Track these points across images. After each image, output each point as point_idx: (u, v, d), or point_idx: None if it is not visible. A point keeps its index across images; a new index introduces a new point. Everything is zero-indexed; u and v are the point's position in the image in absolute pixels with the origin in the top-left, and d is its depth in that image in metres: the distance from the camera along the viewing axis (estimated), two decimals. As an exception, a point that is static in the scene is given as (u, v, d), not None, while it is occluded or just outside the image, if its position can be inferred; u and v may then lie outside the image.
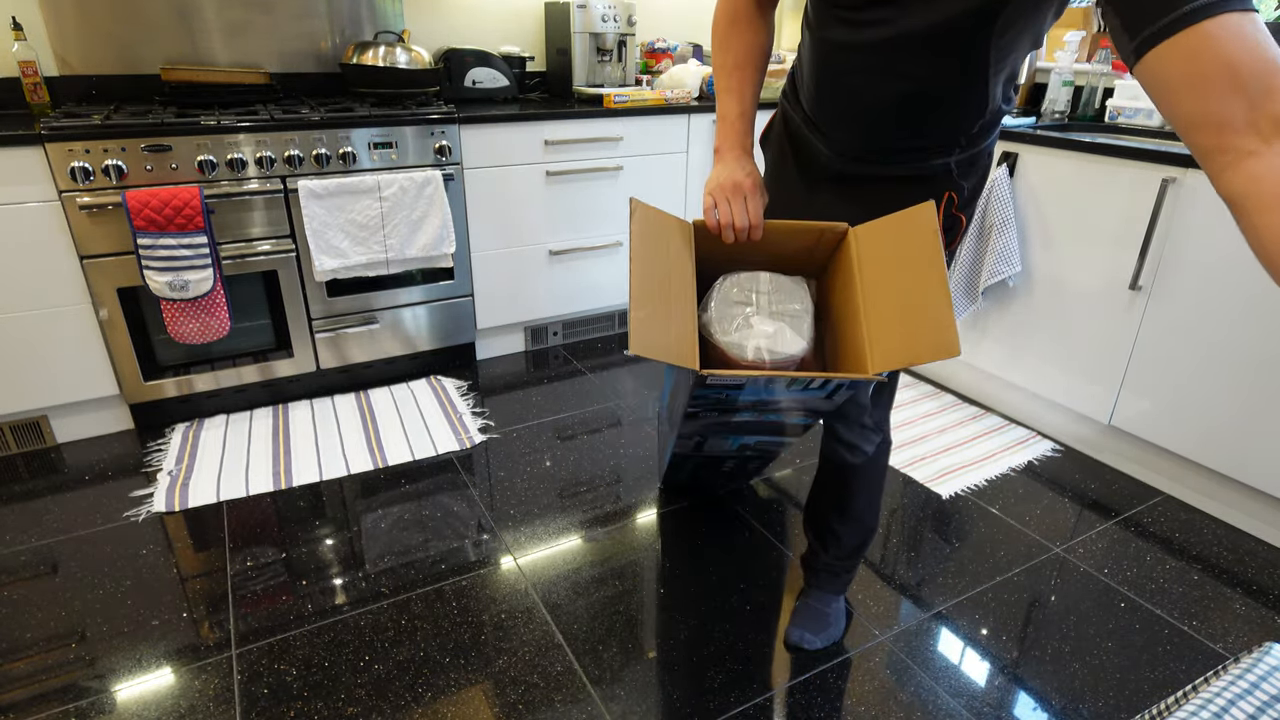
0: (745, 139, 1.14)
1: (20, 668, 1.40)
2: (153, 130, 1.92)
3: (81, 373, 2.05)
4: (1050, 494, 1.98)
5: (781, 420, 1.27)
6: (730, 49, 1.13)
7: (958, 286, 2.27)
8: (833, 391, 1.12)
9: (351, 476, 1.99)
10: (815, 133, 1.16)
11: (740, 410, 1.22)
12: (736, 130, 1.14)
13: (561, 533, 1.79)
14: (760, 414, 1.24)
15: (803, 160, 1.22)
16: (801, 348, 1.13)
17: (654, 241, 1.09)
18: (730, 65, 1.13)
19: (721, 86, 1.15)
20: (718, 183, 1.11)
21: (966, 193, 1.15)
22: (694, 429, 1.34)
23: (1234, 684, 0.75)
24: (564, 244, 2.64)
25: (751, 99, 1.14)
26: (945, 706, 1.36)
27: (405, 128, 2.22)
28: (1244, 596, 1.63)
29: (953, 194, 1.14)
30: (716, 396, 1.15)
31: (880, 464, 1.38)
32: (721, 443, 1.44)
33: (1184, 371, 1.86)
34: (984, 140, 1.11)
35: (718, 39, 1.15)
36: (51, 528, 1.78)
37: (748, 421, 1.28)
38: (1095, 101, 2.47)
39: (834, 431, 1.34)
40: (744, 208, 1.10)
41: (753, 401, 1.17)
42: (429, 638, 1.49)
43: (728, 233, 1.10)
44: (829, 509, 1.44)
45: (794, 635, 1.47)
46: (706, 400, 1.17)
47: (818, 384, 1.08)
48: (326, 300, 2.28)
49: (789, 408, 1.20)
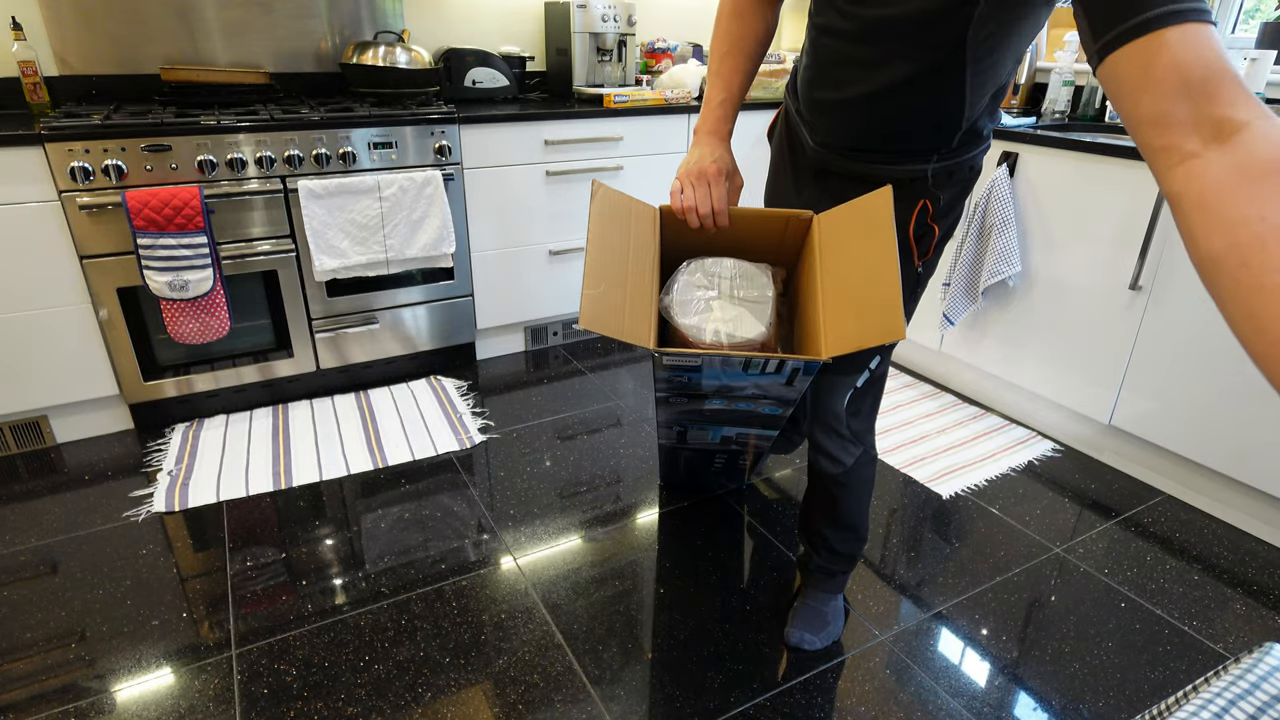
0: (723, 125, 1.15)
1: (20, 668, 1.40)
2: (152, 130, 1.92)
3: (81, 373, 2.05)
4: (1050, 494, 1.98)
5: (752, 409, 1.27)
6: (726, 37, 1.14)
7: (958, 286, 2.27)
8: (790, 376, 1.12)
9: (351, 476, 1.99)
10: (803, 124, 1.18)
11: (708, 397, 1.22)
12: (715, 116, 1.14)
13: (561, 533, 1.79)
14: (729, 402, 1.25)
15: (795, 155, 1.24)
16: (760, 332, 1.14)
17: (615, 223, 1.10)
18: (723, 52, 1.14)
19: (711, 71, 1.16)
20: (687, 168, 1.11)
21: (943, 204, 1.15)
22: (670, 417, 1.35)
23: (1234, 684, 0.75)
24: (564, 244, 2.64)
25: (738, 87, 1.15)
26: (945, 706, 1.36)
27: (405, 128, 2.21)
28: (1244, 596, 1.63)
29: (928, 202, 1.14)
30: (680, 380, 1.15)
31: (864, 476, 1.37)
32: (702, 434, 1.45)
33: (1184, 371, 1.86)
34: (964, 153, 1.11)
35: (718, 28, 1.16)
36: (51, 528, 1.78)
37: (720, 410, 1.29)
38: (1095, 101, 2.47)
39: (814, 439, 1.34)
40: (708, 193, 1.10)
41: (716, 387, 1.18)
42: (429, 638, 1.49)
43: (691, 217, 1.10)
44: (819, 516, 1.45)
45: (794, 636, 1.47)
46: (671, 385, 1.18)
47: (773, 367, 1.09)
48: (326, 300, 2.28)
49: (754, 395, 1.21)
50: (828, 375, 1.27)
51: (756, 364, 1.09)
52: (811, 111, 1.14)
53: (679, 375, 1.14)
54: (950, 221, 1.18)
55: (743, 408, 1.27)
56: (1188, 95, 0.60)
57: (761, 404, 1.25)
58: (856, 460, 1.34)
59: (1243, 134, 0.58)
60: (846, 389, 1.27)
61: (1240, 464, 1.80)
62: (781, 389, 1.17)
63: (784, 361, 1.08)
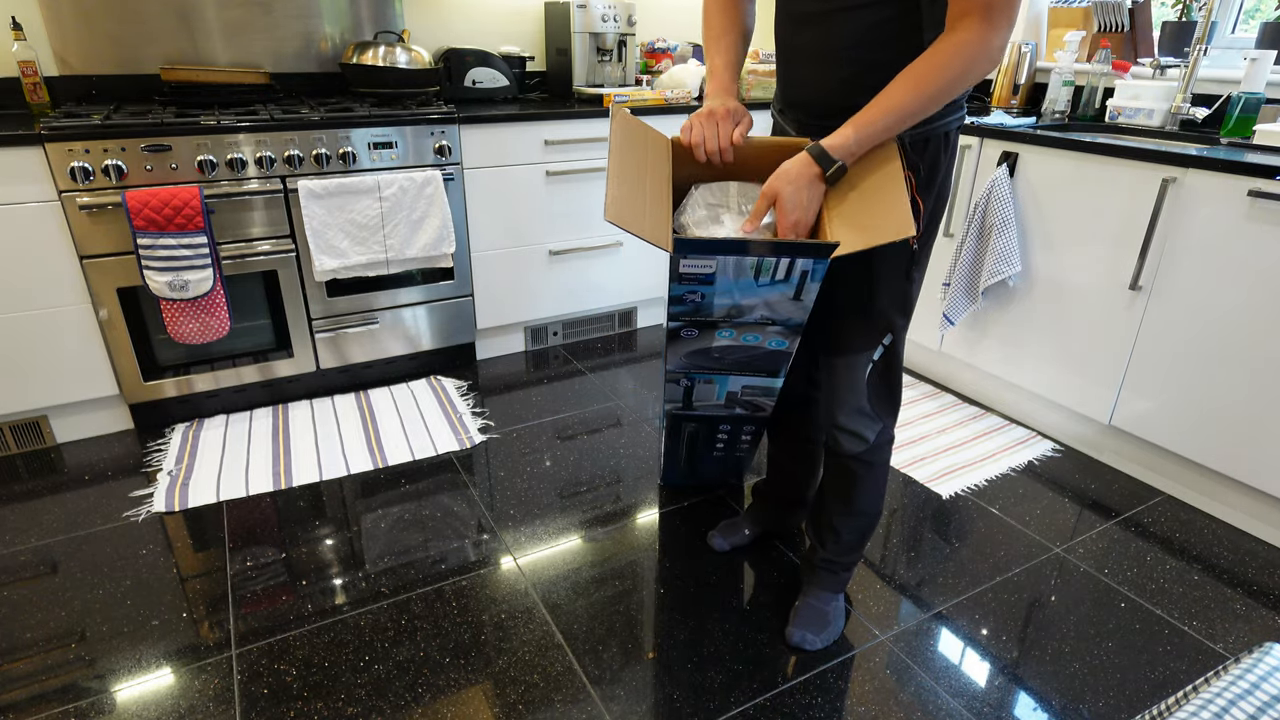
0: (730, 85, 1.28)
1: (20, 668, 1.40)
2: (152, 130, 1.92)
3: (81, 373, 2.05)
4: (1050, 494, 1.98)
5: (759, 344, 1.32)
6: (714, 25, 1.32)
7: (958, 286, 2.27)
8: (799, 284, 1.17)
9: (351, 476, 1.99)
10: (784, 119, 1.29)
11: (718, 325, 1.28)
12: (721, 79, 1.28)
13: (561, 533, 1.79)
14: (738, 334, 1.29)
15: None
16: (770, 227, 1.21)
17: (634, 143, 1.21)
18: (716, 34, 1.31)
19: (710, 51, 1.31)
20: (697, 112, 1.23)
21: (922, 174, 1.18)
22: (679, 364, 1.39)
23: (1234, 684, 0.75)
24: (564, 244, 2.64)
25: (735, 58, 1.30)
26: (945, 706, 1.36)
27: (405, 128, 2.21)
28: (1244, 596, 1.63)
29: (910, 174, 1.17)
30: (693, 299, 1.21)
31: (883, 456, 1.40)
32: (709, 391, 1.47)
33: (1184, 371, 1.86)
34: (935, 120, 1.15)
35: (705, 21, 1.34)
36: (51, 528, 1.78)
37: (729, 349, 1.34)
38: (1095, 101, 2.47)
39: (834, 421, 1.35)
40: (715, 131, 1.20)
41: (727, 308, 1.23)
42: (429, 638, 1.49)
43: (699, 151, 1.21)
44: (832, 505, 1.45)
45: (795, 635, 1.47)
46: (685, 307, 1.23)
47: (781, 272, 1.15)
48: (326, 300, 2.28)
49: (762, 321, 1.26)
50: (843, 356, 1.30)
51: (768, 268, 1.14)
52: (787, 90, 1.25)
53: (693, 293, 1.20)
54: (934, 196, 1.22)
55: (750, 341, 1.31)
56: None
57: (769, 335, 1.29)
58: (877, 437, 1.36)
59: (946, 35, 1.02)
60: (864, 366, 1.30)
61: (1240, 464, 1.80)
62: (790, 306, 1.22)
63: (793, 263, 1.13)
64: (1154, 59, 2.36)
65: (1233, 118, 2.06)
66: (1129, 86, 2.34)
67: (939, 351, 2.52)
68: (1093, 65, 2.45)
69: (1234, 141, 2.03)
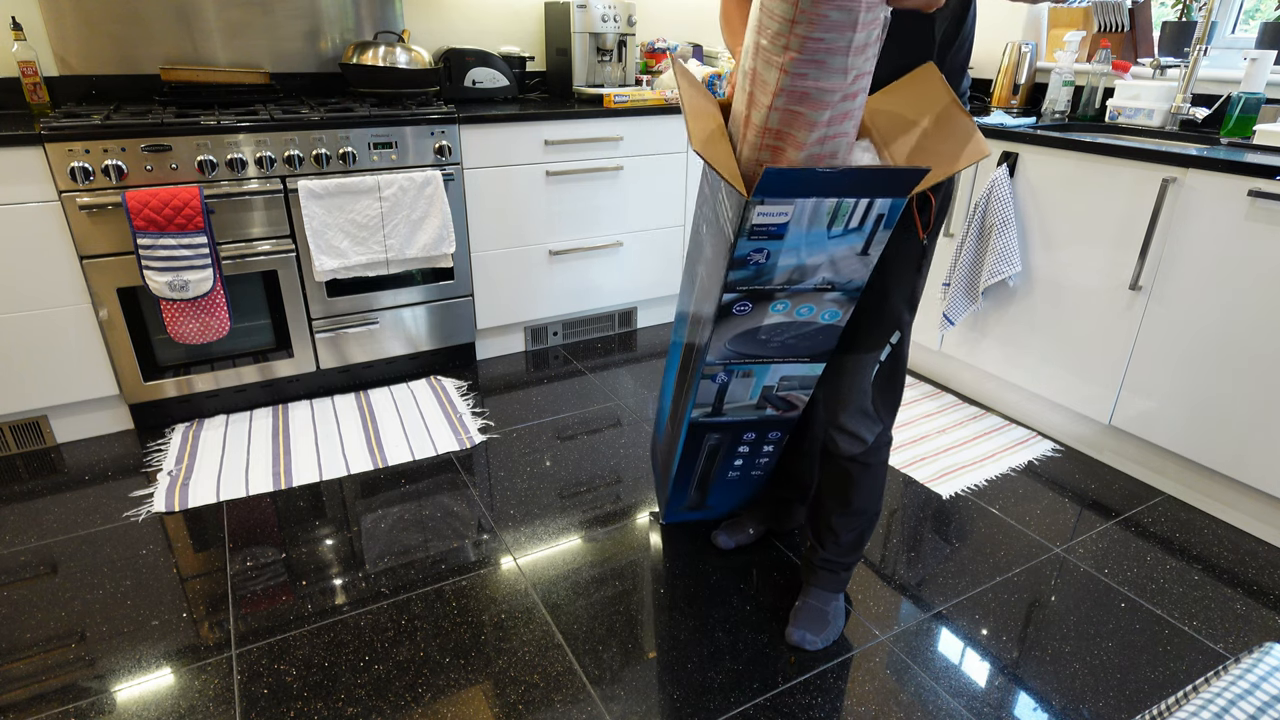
0: None
1: (20, 668, 1.40)
2: (152, 130, 1.92)
3: (81, 373, 2.05)
4: (1050, 494, 1.98)
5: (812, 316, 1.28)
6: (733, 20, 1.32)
7: (958, 286, 2.27)
8: (871, 232, 1.14)
9: (351, 476, 1.99)
10: None
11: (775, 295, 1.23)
12: None
13: (561, 533, 1.79)
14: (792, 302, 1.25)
15: None
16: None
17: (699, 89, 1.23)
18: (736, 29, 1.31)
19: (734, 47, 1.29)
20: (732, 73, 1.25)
21: None
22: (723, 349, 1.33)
23: (1234, 684, 0.75)
24: (564, 244, 2.64)
25: None
26: (945, 706, 1.36)
27: (405, 128, 2.21)
28: (1244, 596, 1.63)
29: None
30: (758, 258, 1.17)
31: (881, 457, 1.40)
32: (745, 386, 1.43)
33: (1184, 371, 1.86)
34: None
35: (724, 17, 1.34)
36: (51, 528, 1.78)
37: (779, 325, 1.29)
38: (1095, 101, 2.47)
39: (835, 421, 1.35)
40: None
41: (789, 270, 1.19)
42: (429, 638, 1.49)
43: None
44: (830, 505, 1.45)
45: (795, 635, 1.47)
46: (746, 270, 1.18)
47: (857, 219, 1.12)
48: (326, 300, 2.28)
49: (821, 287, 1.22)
50: (853, 355, 1.30)
51: (845, 213, 1.11)
52: None
53: (759, 250, 1.15)
54: (941, 194, 1.22)
55: (803, 315, 1.27)
56: None
57: (825, 304, 1.26)
58: (876, 438, 1.36)
59: None
60: (871, 366, 1.30)
61: (1240, 464, 1.80)
62: (855, 263, 1.19)
63: (871, 205, 1.10)
64: (1154, 59, 2.36)
65: (1233, 118, 2.06)
66: (1129, 86, 2.34)
67: (939, 351, 2.52)
68: (1093, 65, 2.45)
69: (1234, 141, 2.03)
